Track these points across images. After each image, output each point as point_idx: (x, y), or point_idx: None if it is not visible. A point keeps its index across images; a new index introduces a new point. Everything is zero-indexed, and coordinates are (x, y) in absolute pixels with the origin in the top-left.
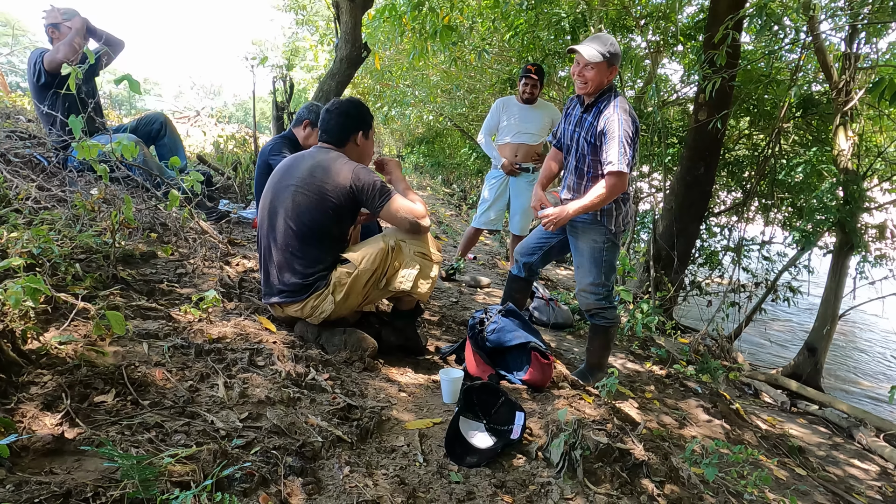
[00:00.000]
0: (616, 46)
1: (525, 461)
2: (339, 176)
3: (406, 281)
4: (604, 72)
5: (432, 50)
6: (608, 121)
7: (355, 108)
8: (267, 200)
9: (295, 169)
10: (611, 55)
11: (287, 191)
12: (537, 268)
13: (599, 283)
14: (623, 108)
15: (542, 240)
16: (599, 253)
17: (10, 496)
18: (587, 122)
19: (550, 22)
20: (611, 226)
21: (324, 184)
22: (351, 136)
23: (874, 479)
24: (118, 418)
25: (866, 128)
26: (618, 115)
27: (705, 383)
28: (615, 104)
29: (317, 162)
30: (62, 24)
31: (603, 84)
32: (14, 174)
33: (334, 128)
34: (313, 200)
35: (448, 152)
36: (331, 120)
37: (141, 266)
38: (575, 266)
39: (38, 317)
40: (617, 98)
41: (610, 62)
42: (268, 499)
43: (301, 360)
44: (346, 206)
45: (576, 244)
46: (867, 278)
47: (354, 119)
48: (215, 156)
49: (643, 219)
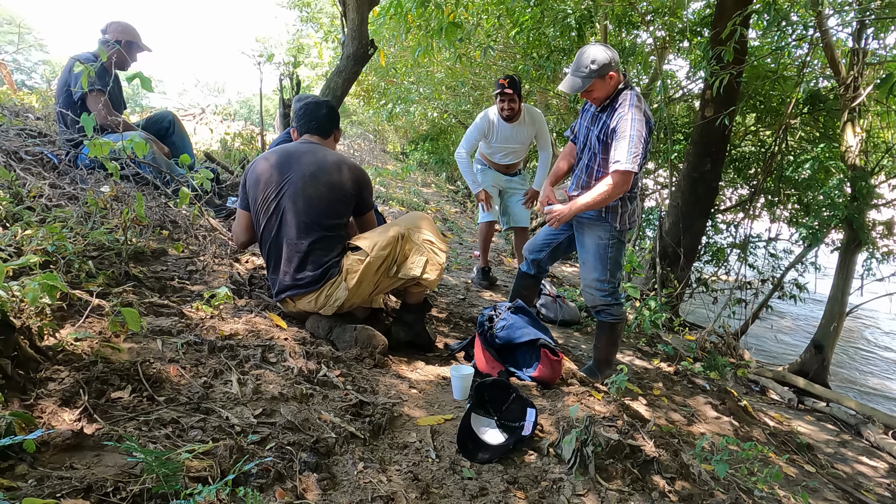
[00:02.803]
0: (600, 55)
1: (537, 457)
2: (347, 168)
3: (416, 267)
4: (602, 84)
5: (437, 47)
6: (621, 119)
7: (335, 105)
8: (271, 198)
9: (295, 164)
10: (597, 69)
11: (294, 186)
12: (546, 265)
13: (605, 280)
14: (637, 106)
15: (550, 237)
16: (605, 250)
17: (32, 490)
18: (601, 120)
19: (556, 18)
20: (615, 223)
21: (334, 175)
22: (333, 131)
23: (883, 476)
24: (135, 414)
25: (874, 124)
26: (632, 114)
27: (713, 380)
28: (630, 102)
29: (319, 156)
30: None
31: (611, 91)
32: (26, 172)
33: (325, 119)
34: (325, 192)
35: (452, 149)
36: (321, 110)
37: (152, 263)
38: (580, 263)
39: (53, 314)
40: (632, 94)
41: (600, 73)
42: (284, 494)
43: (312, 357)
44: (354, 194)
45: (581, 241)
46: (874, 275)
47: (337, 114)
48: (222, 153)
49: (649, 215)
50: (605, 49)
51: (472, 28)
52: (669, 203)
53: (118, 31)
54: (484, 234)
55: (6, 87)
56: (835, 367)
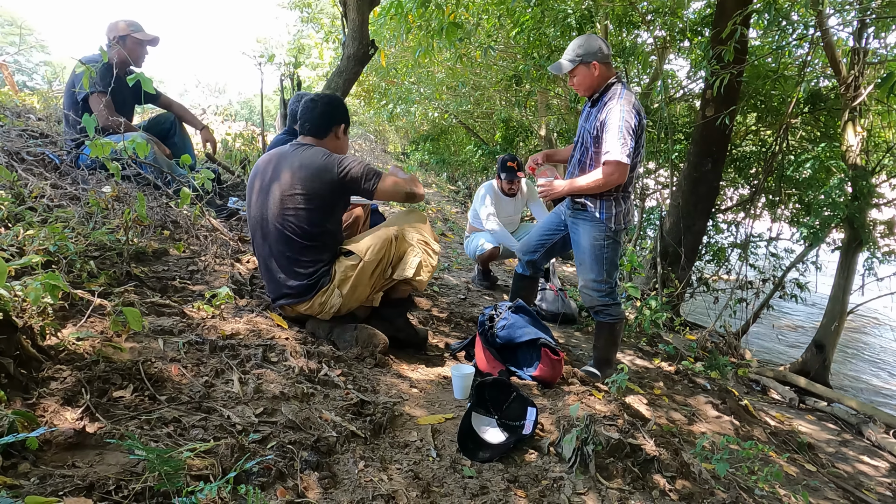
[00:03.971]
0: (589, 43)
1: (537, 456)
2: (326, 172)
3: (409, 268)
4: (586, 72)
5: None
6: (609, 111)
7: (339, 101)
8: (255, 209)
9: (276, 172)
10: (582, 54)
11: (272, 197)
12: (541, 265)
13: (601, 281)
14: (627, 99)
15: (544, 237)
16: (600, 250)
17: (35, 489)
18: (592, 115)
19: (557, 18)
20: (610, 223)
21: (311, 183)
22: (333, 128)
23: (884, 475)
24: (137, 413)
25: (875, 123)
26: (620, 105)
27: (714, 380)
28: (619, 95)
29: (300, 161)
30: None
31: (594, 82)
32: (28, 172)
33: (318, 118)
34: (303, 200)
35: (453, 149)
36: (315, 109)
37: (153, 263)
38: (577, 264)
39: (55, 313)
40: (622, 89)
41: (585, 60)
42: (285, 492)
43: (313, 357)
44: (337, 198)
45: (577, 241)
46: (875, 275)
47: (339, 109)
48: (223, 153)
49: (650, 215)
50: (597, 40)
51: (473, 28)
52: (670, 203)
53: (116, 29)
54: (488, 253)
55: (8, 88)
56: (836, 367)
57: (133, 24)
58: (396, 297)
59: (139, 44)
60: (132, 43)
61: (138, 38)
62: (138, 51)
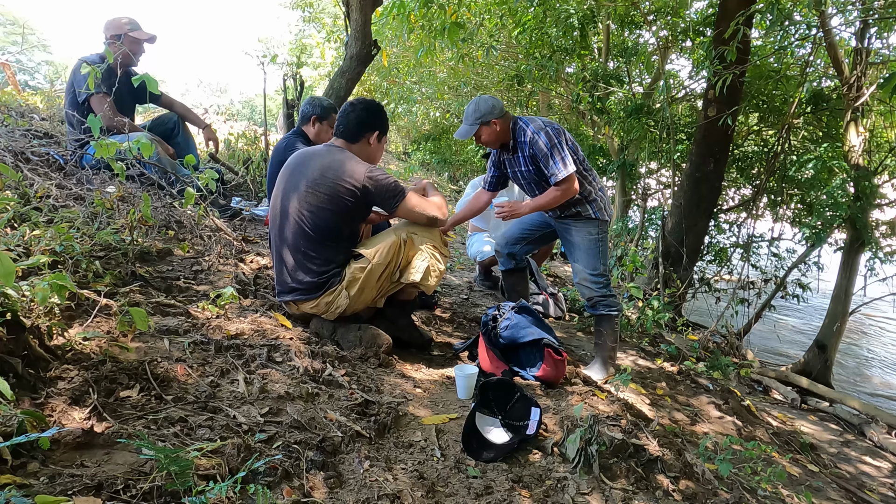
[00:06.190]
0: (484, 105)
1: (541, 456)
2: (352, 177)
3: (417, 273)
4: (489, 130)
5: (440, 47)
6: (532, 144)
7: (378, 108)
8: (277, 200)
9: (305, 167)
10: (480, 117)
11: (297, 191)
12: (522, 256)
13: (599, 273)
14: (534, 126)
15: (525, 231)
16: (595, 244)
17: (44, 488)
18: (519, 158)
19: (559, 18)
20: (602, 216)
21: (336, 184)
22: (366, 134)
23: (886, 475)
24: (143, 413)
25: (877, 123)
26: (535, 134)
27: (716, 380)
28: (528, 127)
29: (329, 161)
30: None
31: (500, 136)
32: (33, 172)
33: (353, 122)
34: (325, 200)
35: (454, 149)
36: (352, 113)
37: (158, 263)
38: (572, 261)
39: (62, 313)
40: (524, 123)
41: (484, 120)
42: (292, 492)
43: (318, 357)
44: (359, 205)
45: (570, 240)
46: (878, 275)
47: (376, 116)
48: (226, 154)
49: (651, 215)
50: (488, 100)
51: (475, 28)
52: (672, 203)
53: (113, 27)
54: (489, 260)
55: (10, 88)
56: (838, 367)
57: (131, 23)
58: (402, 298)
59: (136, 42)
60: (129, 41)
61: (135, 37)
62: (135, 49)
